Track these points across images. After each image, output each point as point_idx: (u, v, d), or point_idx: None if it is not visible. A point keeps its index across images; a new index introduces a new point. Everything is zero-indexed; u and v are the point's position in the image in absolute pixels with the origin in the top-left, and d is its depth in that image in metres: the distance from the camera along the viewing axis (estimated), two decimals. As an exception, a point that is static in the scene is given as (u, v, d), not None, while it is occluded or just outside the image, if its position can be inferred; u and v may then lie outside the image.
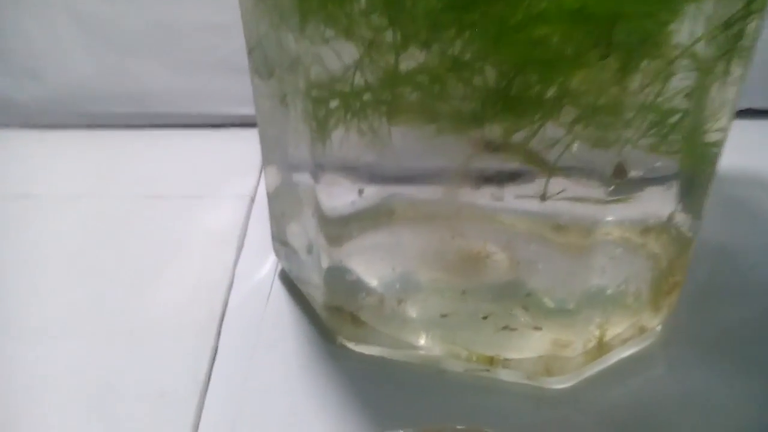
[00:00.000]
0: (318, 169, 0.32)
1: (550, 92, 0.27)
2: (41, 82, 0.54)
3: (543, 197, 0.30)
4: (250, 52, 0.34)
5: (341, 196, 0.32)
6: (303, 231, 0.36)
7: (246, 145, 0.42)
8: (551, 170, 0.29)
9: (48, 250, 0.44)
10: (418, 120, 0.29)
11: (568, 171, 0.29)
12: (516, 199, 0.31)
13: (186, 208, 0.47)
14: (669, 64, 0.27)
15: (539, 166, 0.29)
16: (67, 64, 0.53)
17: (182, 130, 0.55)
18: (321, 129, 0.31)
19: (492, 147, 0.29)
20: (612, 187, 0.29)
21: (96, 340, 0.38)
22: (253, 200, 0.48)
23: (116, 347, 0.37)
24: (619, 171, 0.30)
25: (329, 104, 0.30)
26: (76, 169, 0.52)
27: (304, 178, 0.33)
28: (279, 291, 0.41)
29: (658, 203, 0.32)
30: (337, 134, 0.30)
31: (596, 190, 0.29)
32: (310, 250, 0.36)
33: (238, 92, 0.41)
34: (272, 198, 0.39)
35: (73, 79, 0.54)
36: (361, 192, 0.32)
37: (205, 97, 0.55)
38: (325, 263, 0.34)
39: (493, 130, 0.28)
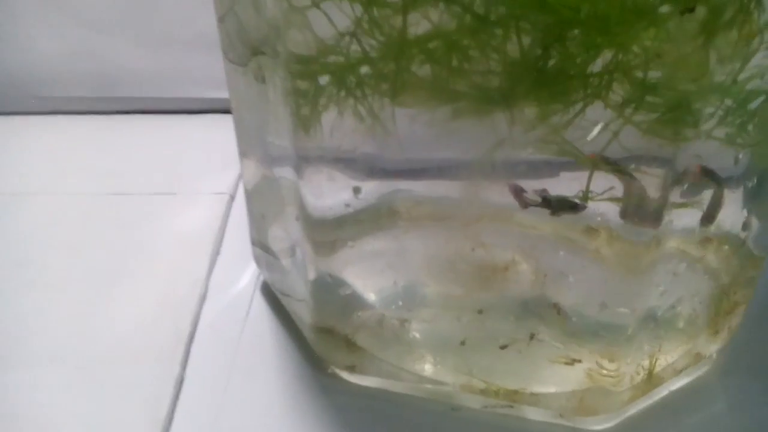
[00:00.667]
0: (302, 162, 0.29)
1: (598, 64, 0.24)
2: (-8, 62, 0.52)
3: (584, 197, 0.27)
4: (221, 19, 0.31)
5: (331, 194, 0.29)
6: (286, 235, 0.34)
7: (226, 134, 0.38)
8: (595, 164, 0.26)
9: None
10: (429, 100, 0.26)
11: (617, 165, 0.26)
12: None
13: (153, 207, 0.44)
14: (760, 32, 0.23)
15: (580, 158, 0.26)
16: (23, 41, 0.51)
17: (152, 116, 0.53)
18: (306, 112, 0.27)
19: (522, 133, 0.26)
20: (677, 188, 0.26)
21: (33, 368, 0.34)
22: (232, 198, 0.45)
23: (57, 378, 0.34)
24: (695, 173, 0.27)
25: (317, 81, 0.27)
26: (28, 162, 0.49)
27: (286, 173, 0.31)
28: (260, 307, 0.38)
29: (722, 208, 0.29)
30: (327, 118, 0.27)
31: (652, 190, 0.26)
32: (294, 258, 0.34)
33: (218, 73, 0.38)
34: (251, 196, 0.36)
35: (29, 58, 0.52)
36: (357, 191, 0.29)
37: (179, 79, 0.52)
38: (311, 274, 0.32)
39: (524, 113, 0.25)
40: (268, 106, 0.30)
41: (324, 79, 0.26)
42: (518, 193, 0.28)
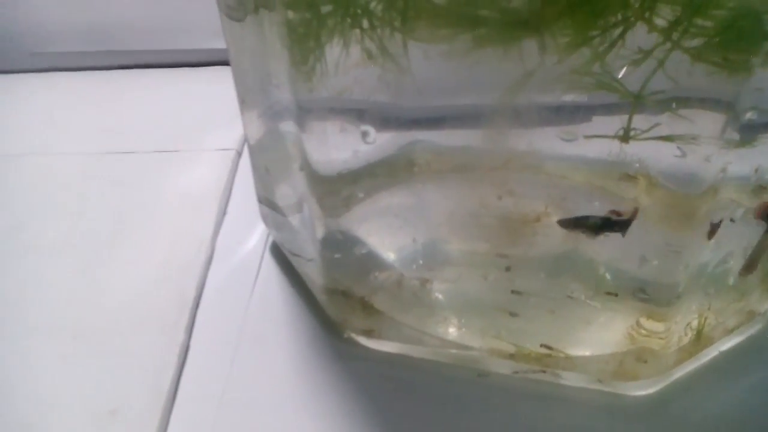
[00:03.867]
0: (303, 113, 0.27)
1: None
2: (-16, 17, 0.52)
3: (625, 136, 0.25)
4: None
5: (338, 145, 0.28)
6: (293, 191, 0.32)
7: (230, 87, 0.36)
8: (636, 99, 0.24)
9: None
10: (446, 29, 0.23)
11: (664, 101, 0.24)
12: (585, 140, 0.26)
13: (155, 165, 0.43)
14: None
15: (620, 92, 0.24)
16: None
17: (153, 70, 0.52)
18: (303, 49, 0.25)
19: (553, 65, 0.23)
20: (738, 125, 0.23)
21: (31, 338, 0.33)
22: (239, 154, 0.44)
23: (55, 348, 0.33)
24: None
25: (317, 10, 0.24)
26: (24, 122, 0.48)
27: (288, 126, 0.29)
28: (270, 270, 0.36)
29: None
30: (330, 57, 0.25)
31: (707, 129, 0.24)
32: (302, 215, 0.32)
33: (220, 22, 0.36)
34: (255, 151, 0.35)
35: (23, 13, 0.51)
36: (365, 135, 0.27)
37: (180, 30, 0.51)
38: (320, 232, 0.30)
39: (555, 40, 0.23)
40: (265, 46, 0.28)
41: (326, 9, 0.24)
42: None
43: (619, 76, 0.23)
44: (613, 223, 0.27)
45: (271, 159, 0.33)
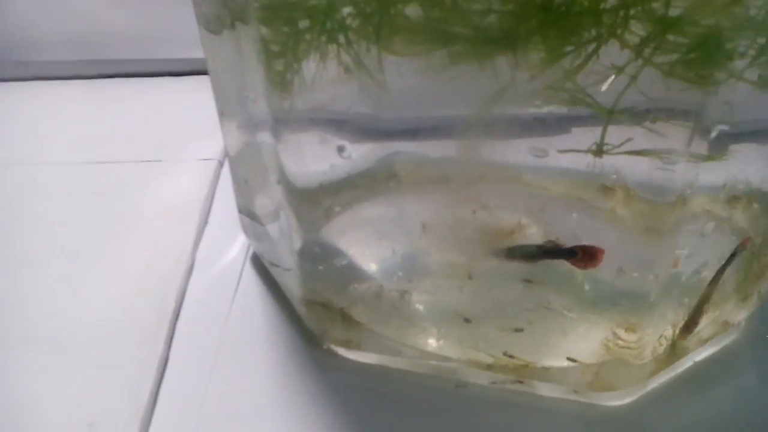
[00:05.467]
0: (279, 125, 0.27)
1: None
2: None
3: (598, 150, 0.25)
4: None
5: (314, 157, 0.28)
6: (270, 202, 0.32)
7: (213, 96, 0.37)
8: (610, 114, 0.24)
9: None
10: (422, 44, 0.24)
11: (636, 116, 0.24)
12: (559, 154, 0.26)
13: (137, 175, 0.43)
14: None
15: (593, 107, 0.24)
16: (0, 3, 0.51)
17: (135, 79, 0.52)
18: (279, 64, 0.25)
19: (527, 81, 0.24)
20: (707, 138, 0.24)
21: (8, 350, 0.33)
22: (221, 164, 0.44)
23: (34, 360, 0.32)
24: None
25: (294, 26, 0.24)
26: (5, 131, 0.48)
27: (265, 137, 0.29)
28: (250, 281, 0.36)
29: (752, 163, 0.27)
30: (306, 71, 0.25)
31: (677, 142, 0.24)
32: (280, 224, 0.32)
33: None
34: (234, 162, 0.35)
35: (6, 21, 0.51)
36: (340, 150, 0.27)
37: (162, 39, 0.51)
38: (297, 244, 0.31)
39: (530, 57, 0.23)
40: (241, 60, 0.28)
41: (303, 24, 0.24)
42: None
43: (602, 89, 0.23)
44: (550, 252, 0.27)
45: (249, 170, 0.33)
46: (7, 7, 0.50)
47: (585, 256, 0.27)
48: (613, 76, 0.23)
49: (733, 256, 0.28)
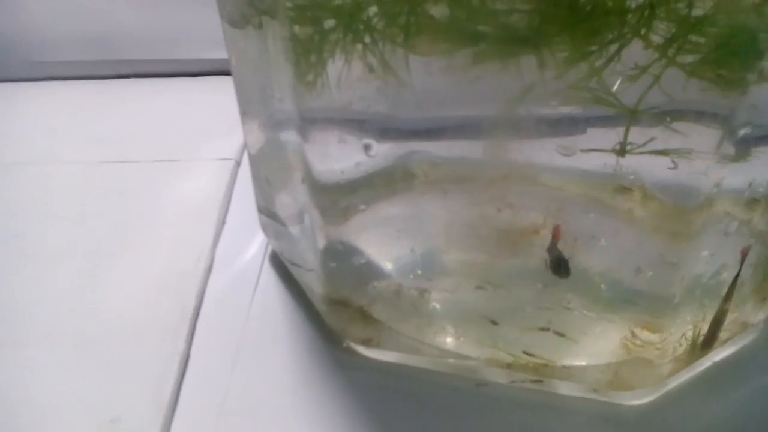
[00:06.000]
0: (306, 124, 0.27)
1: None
2: (-16, 27, 0.52)
3: (622, 150, 0.25)
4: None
5: (340, 156, 0.28)
6: (293, 201, 0.32)
7: (229, 96, 0.36)
8: (633, 113, 0.24)
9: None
10: (447, 44, 0.24)
11: (659, 116, 0.24)
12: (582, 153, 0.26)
13: (154, 175, 0.43)
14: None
15: (617, 107, 0.24)
16: (16, 4, 0.51)
17: (152, 80, 0.52)
18: (306, 64, 0.25)
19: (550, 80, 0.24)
20: (734, 140, 0.24)
21: (32, 346, 0.33)
22: (238, 164, 0.44)
23: (56, 356, 0.33)
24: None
25: (321, 25, 0.24)
26: (23, 130, 0.48)
27: (291, 137, 0.29)
28: (269, 279, 0.37)
29: None
30: (332, 70, 0.25)
31: (705, 144, 0.24)
32: (302, 226, 0.32)
33: (220, 32, 0.36)
34: (255, 161, 0.35)
35: (23, 22, 0.51)
36: (367, 148, 0.27)
37: (179, 39, 0.51)
38: (321, 242, 0.30)
39: (554, 56, 0.23)
40: (268, 60, 0.28)
41: (329, 24, 0.24)
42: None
43: (614, 89, 0.23)
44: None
45: (271, 169, 0.33)
46: (25, 9, 0.50)
47: None
48: (638, 77, 0.23)
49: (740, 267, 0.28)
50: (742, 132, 0.23)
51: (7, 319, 0.35)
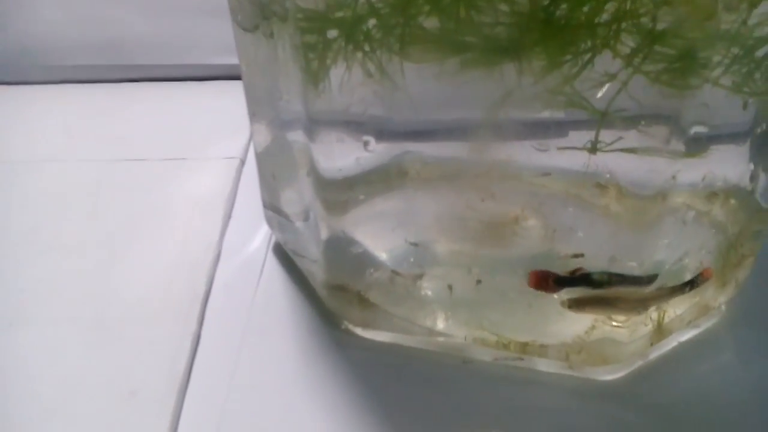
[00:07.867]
0: (313, 125, 0.28)
1: (605, 14, 0.24)
2: (1, 31, 0.51)
3: (593, 148, 0.26)
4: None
5: (342, 153, 0.29)
6: (298, 196, 0.33)
7: (235, 99, 0.37)
8: (603, 115, 0.25)
9: (4, 221, 0.41)
10: (437, 53, 0.25)
11: (626, 118, 0.25)
12: (559, 151, 0.27)
13: (166, 172, 0.44)
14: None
15: (589, 110, 0.25)
16: (29, 10, 0.51)
17: (160, 84, 0.52)
18: (315, 67, 0.27)
19: (530, 85, 0.25)
20: (684, 138, 0.25)
21: (55, 327, 0.34)
22: (243, 162, 0.45)
23: (78, 336, 0.34)
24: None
25: (325, 35, 0.26)
26: (38, 130, 0.48)
27: (297, 136, 0.30)
28: (273, 267, 0.37)
29: (729, 162, 0.29)
30: (335, 75, 0.27)
31: (661, 141, 0.26)
32: (306, 218, 0.33)
33: (226, 38, 0.37)
34: (261, 158, 0.36)
35: (36, 27, 0.52)
36: (366, 144, 0.28)
37: (186, 46, 0.52)
38: (324, 234, 0.31)
39: (532, 64, 0.25)
40: (278, 66, 0.29)
41: (332, 34, 0.26)
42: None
43: (598, 95, 0.25)
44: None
45: (277, 166, 0.34)
46: (37, 14, 0.50)
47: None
48: (607, 85, 0.25)
49: (692, 282, 0.30)
50: (692, 131, 0.25)
51: (33, 303, 0.35)
